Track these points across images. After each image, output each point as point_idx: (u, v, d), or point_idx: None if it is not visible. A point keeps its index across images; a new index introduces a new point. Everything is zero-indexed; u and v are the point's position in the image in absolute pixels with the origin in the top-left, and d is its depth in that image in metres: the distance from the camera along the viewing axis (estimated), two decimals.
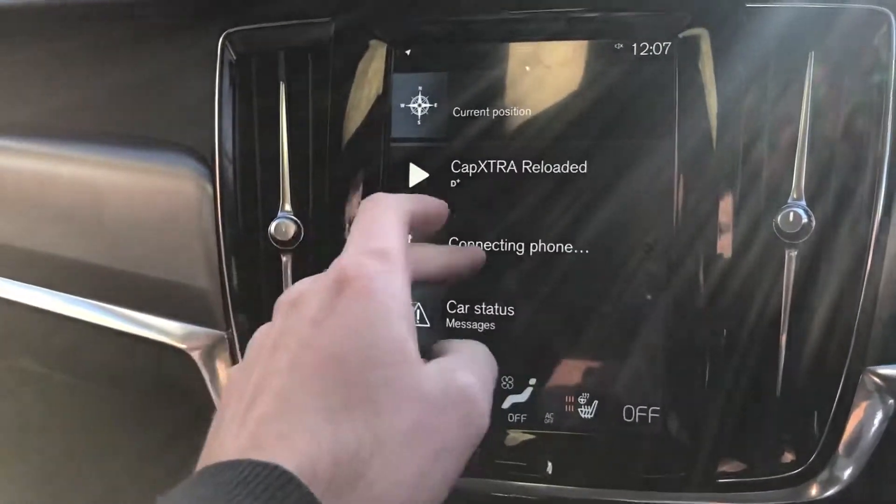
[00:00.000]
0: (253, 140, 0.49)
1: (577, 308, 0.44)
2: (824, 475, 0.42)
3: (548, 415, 0.45)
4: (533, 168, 0.45)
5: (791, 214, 0.41)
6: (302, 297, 0.31)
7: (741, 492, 0.44)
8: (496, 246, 0.45)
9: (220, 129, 0.48)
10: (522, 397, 0.45)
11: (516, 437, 0.45)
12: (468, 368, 0.32)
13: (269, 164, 0.48)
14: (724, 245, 0.42)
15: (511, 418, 0.45)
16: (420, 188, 0.46)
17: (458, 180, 0.46)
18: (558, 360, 0.44)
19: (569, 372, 0.44)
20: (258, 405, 0.28)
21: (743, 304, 0.43)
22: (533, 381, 0.45)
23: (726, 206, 0.42)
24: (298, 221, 0.47)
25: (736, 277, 0.43)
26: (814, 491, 0.43)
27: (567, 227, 0.44)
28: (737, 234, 0.42)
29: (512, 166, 0.45)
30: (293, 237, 0.47)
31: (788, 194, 0.42)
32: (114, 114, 0.52)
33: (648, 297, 0.43)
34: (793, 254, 0.42)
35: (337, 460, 0.26)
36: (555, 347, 0.45)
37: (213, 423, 0.31)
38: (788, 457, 0.43)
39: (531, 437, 0.45)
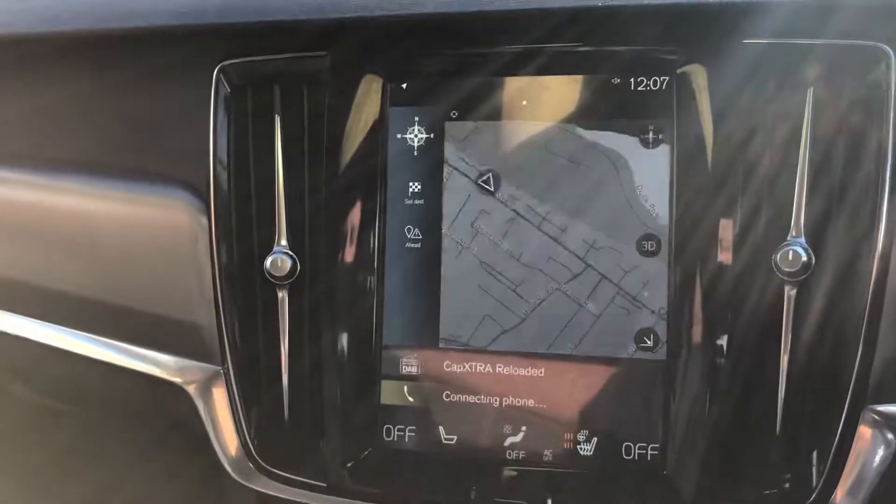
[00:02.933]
0: (248, 173, 0.48)
1: (576, 346, 0.44)
2: None
3: (547, 451, 0.44)
4: (528, 202, 0.45)
5: (791, 253, 0.41)
6: None
7: None
8: (492, 278, 0.45)
9: (215, 161, 0.47)
10: (518, 437, 0.45)
11: (515, 473, 0.44)
12: None
13: (265, 198, 0.48)
14: (724, 282, 0.42)
15: (510, 455, 0.45)
16: (417, 218, 0.46)
17: (457, 212, 0.45)
18: (557, 399, 0.44)
19: (568, 410, 0.44)
20: None
21: (742, 341, 0.42)
22: (531, 418, 0.44)
23: (725, 244, 0.42)
24: (294, 256, 0.47)
25: (735, 314, 0.42)
26: None
27: (563, 264, 0.44)
28: (736, 272, 0.42)
29: (507, 199, 0.45)
30: (289, 272, 0.47)
31: (788, 231, 0.42)
32: (108, 146, 0.52)
33: (648, 334, 0.43)
34: (792, 292, 0.42)
35: None
36: (553, 386, 0.44)
37: None
38: (790, 494, 0.43)
39: (530, 473, 0.44)
